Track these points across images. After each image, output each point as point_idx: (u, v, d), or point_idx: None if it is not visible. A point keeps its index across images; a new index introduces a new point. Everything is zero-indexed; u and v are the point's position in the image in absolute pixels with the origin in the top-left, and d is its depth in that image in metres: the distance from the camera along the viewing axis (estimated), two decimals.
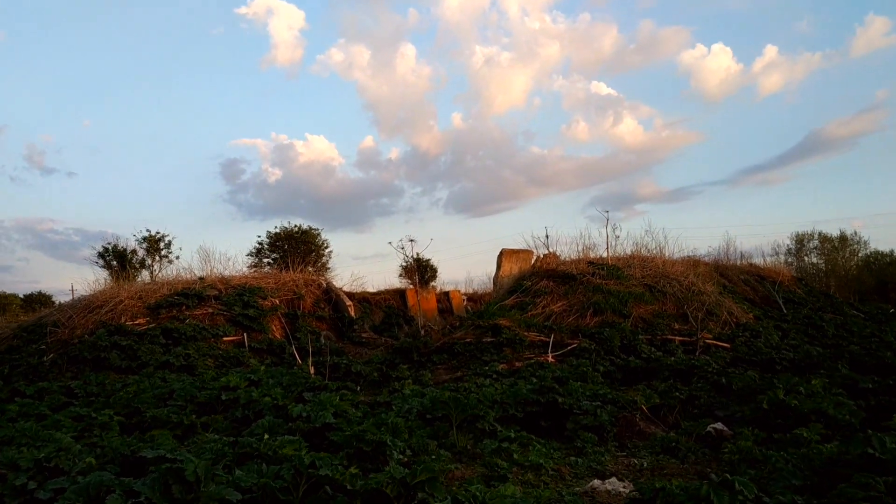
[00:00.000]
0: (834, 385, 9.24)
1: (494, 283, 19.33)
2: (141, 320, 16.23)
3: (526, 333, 14.21)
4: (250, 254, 31.02)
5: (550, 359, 13.33)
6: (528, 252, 19.82)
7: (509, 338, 13.85)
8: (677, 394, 9.75)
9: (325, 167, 72.15)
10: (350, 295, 28.39)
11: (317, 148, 73.68)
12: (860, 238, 65.15)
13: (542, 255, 19.92)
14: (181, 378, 11.96)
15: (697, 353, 13.59)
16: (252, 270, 23.89)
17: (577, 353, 13.44)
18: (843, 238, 64.95)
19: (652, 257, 19.04)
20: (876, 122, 70.37)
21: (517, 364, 13.02)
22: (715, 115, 76.28)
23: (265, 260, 31.03)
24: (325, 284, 20.45)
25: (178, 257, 24.19)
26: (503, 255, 19.15)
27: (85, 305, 16.84)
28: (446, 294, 31.55)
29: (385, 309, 28.28)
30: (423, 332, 19.03)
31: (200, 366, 14.08)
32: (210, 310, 16.90)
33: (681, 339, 14.40)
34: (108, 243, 26.25)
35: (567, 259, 19.39)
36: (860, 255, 65.39)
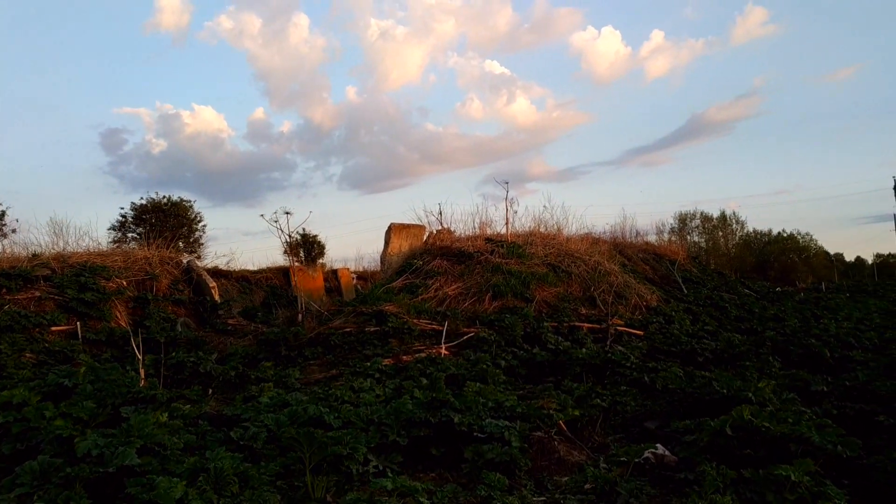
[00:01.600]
0: (783, 388, 7.70)
1: (382, 262, 17.22)
2: None
3: (416, 321, 12.20)
4: (112, 227, 27.54)
5: (444, 351, 11.38)
6: (419, 227, 17.80)
7: (396, 327, 11.80)
8: (598, 400, 7.98)
9: (214, 139, 67.99)
10: (226, 274, 25.67)
11: (204, 119, 69.27)
12: (738, 218, 67.16)
13: (435, 232, 17.96)
14: None
15: (609, 343, 11.99)
16: (111, 246, 20.75)
17: (475, 344, 11.55)
18: (723, 217, 66.84)
19: (553, 234, 17.43)
20: (752, 107, 72.84)
21: (405, 358, 11.00)
22: (604, 96, 77.26)
23: (129, 234, 27.64)
24: (185, 263, 17.68)
25: (14, 230, 20.63)
26: (392, 230, 17.05)
27: None
28: (334, 272, 29.39)
29: (266, 289, 25.73)
30: (300, 316, 16.71)
31: (11, 364, 11.27)
32: (38, 293, 13.93)
33: (590, 325, 12.78)
34: None
35: (463, 236, 17.51)
36: (738, 234, 67.57)
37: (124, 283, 15.45)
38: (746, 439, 5.38)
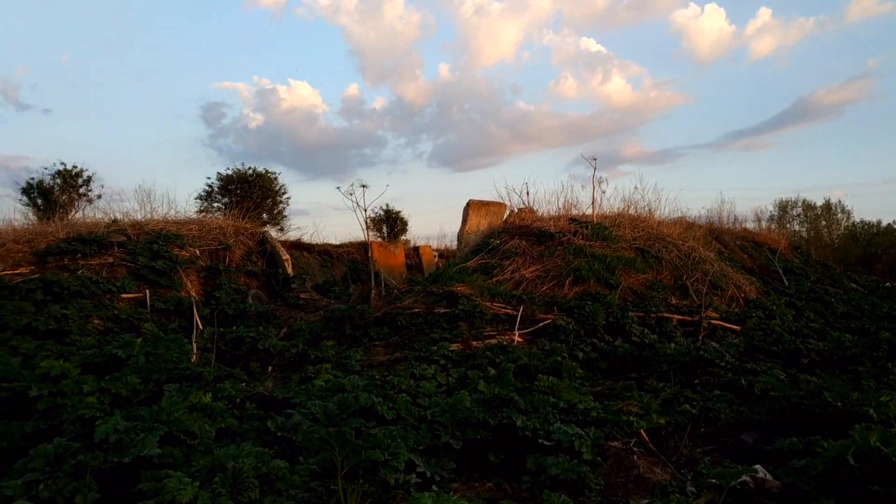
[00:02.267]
0: None
1: (459, 241, 16.46)
2: (23, 269, 13.18)
3: (489, 304, 11.38)
4: (199, 197, 27.80)
5: (517, 338, 10.53)
6: (499, 205, 16.91)
7: (467, 309, 11.01)
8: (687, 406, 6.99)
9: (308, 114, 68.67)
10: (308, 247, 25.53)
11: (300, 94, 70.09)
12: (843, 207, 62.93)
13: (516, 210, 17.03)
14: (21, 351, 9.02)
15: (701, 338, 10.86)
16: (198, 216, 20.76)
17: (552, 332, 10.65)
18: (826, 206, 62.69)
19: (643, 217, 16.17)
20: (865, 90, 67.76)
21: (474, 344, 10.22)
22: (704, 76, 73.42)
23: (215, 205, 27.86)
24: (259, 234, 17.41)
25: (99, 196, 20.92)
26: (470, 206, 16.23)
27: None
28: (416, 249, 28.91)
29: (347, 263, 25.47)
30: (373, 293, 16.17)
31: (76, 331, 11.13)
32: (111, 259, 13.86)
33: (680, 317, 11.65)
34: (32, 178, 22.85)
35: (545, 215, 16.51)
36: (843, 224, 63.35)
37: (197, 252, 15.27)
38: (874, 472, 4.33)
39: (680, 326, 11.39)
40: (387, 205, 32.56)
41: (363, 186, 16.80)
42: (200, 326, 11.52)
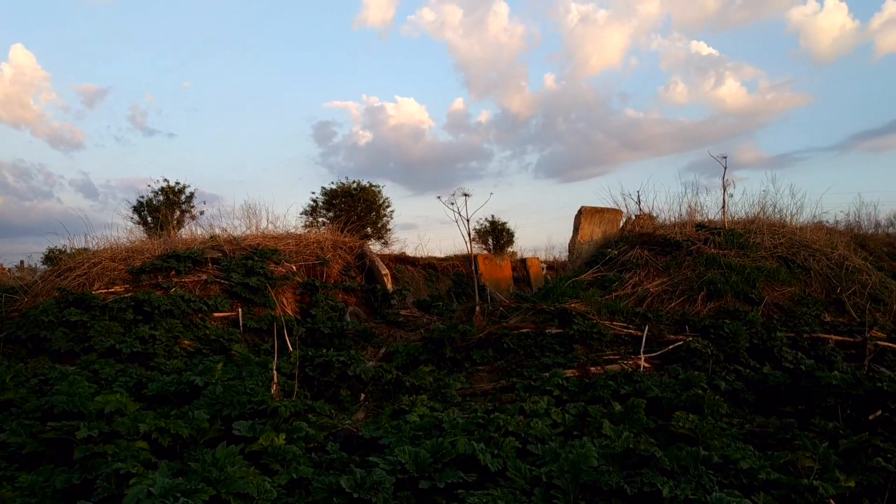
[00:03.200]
0: None
1: (570, 252, 15.02)
2: (118, 287, 12.83)
3: (608, 324, 9.95)
4: (304, 212, 27.59)
5: (643, 364, 9.06)
6: (615, 212, 15.36)
7: (583, 330, 9.62)
8: (879, 459, 5.36)
9: (415, 130, 69.11)
10: (412, 261, 24.79)
11: (407, 111, 70.74)
12: None
13: (633, 217, 15.43)
14: (95, 376, 8.34)
15: (868, 363, 9.03)
16: (304, 229, 20.29)
17: (685, 357, 9.11)
18: None
19: (778, 222, 14.20)
20: None
21: (593, 370, 8.83)
22: (825, 76, 68.16)
23: (320, 219, 27.55)
24: (359, 248, 16.58)
25: (202, 213, 20.83)
26: (582, 214, 14.78)
27: (55, 269, 13.62)
28: (523, 261, 27.65)
29: (453, 277, 24.50)
30: (478, 309, 14.99)
31: (163, 353, 10.51)
32: (205, 276, 13.33)
33: (838, 338, 9.81)
34: (142, 196, 23.17)
35: (666, 222, 14.84)
36: None
37: (293, 267, 14.57)
38: None
39: (839, 349, 9.57)
40: (492, 216, 31.44)
41: (465, 195, 15.68)
42: (291, 348, 10.67)
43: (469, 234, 17.69)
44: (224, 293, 13.08)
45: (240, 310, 12.49)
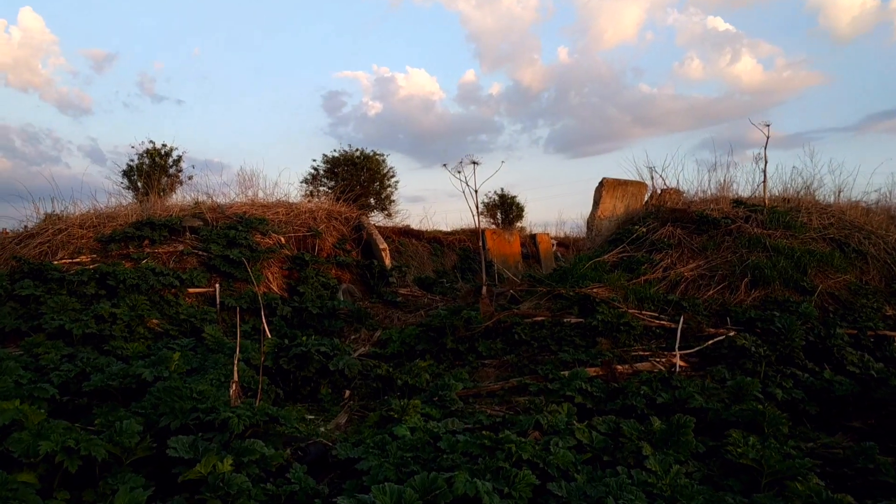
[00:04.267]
0: None
1: (589, 228, 13.58)
2: (83, 257, 11.46)
3: (637, 313, 8.53)
4: (305, 180, 26.04)
5: (679, 361, 7.66)
6: (639, 184, 13.88)
7: (608, 321, 8.21)
8: None
9: (425, 101, 67.39)
10: (417, 234, 23.41)
11: (417, 82, 69.03)
12: None
13: (659, 191, 13.92)
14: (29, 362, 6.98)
15: None
16: (304, 198, 18.81)
17: (728, 355, 7.71)
18: None
19: (826, 203, 12.63)
20: None
21: (620, 369, 7.44)
22: (843, 55, 65.89)
23: (321, 188, 26.05)
24: (356, 219, 15.15)
25: (190, 177, 19.33)
26: (604, 186, 13.31)
27: (15, 235, 12.27)
28: (533, 237, 26.29)
29: (459, 252, 23.15)
30: (485, 289, 13.60)
31: (121, 335, 9.18)
32: (181, 247, 11.95)
33: None
34: (131, 160, 21.64)
35: (695, 198, 13.33)
36: None
37: (282, 239, 13.16)
38: None
39: None
40: (501, 189, 29.91)
41: (473, 163, 14.20)
42: (269, 334, 9.32)
43: (477, 206, 16.27)
44: (202, 266, 11.71)
45: (217, 285, 11.13)
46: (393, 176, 26.65)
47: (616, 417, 5.68)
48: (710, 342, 8.05)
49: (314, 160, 24.69)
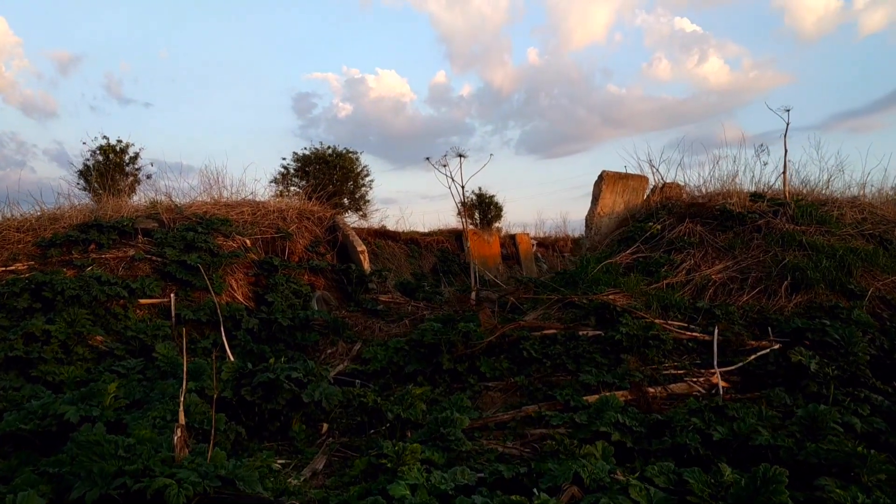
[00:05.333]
0: None
1: (588, 226, 12.33)
2: (19, 265, 9.96)
3: (664, 323, 7.28)
4: (274, 180, 24.40)
5: (720, 381, 6.43)
6: (640, 178, 12.67)
7: (634, 333, 6.93)
8: None
9: (396, 103, 66.20)
10: (393, 235, 22.05)
11: (388, 83, 67.82)
12: None
13: (661, 185, 12.72)
14: None
15: None
16: (271, 199, 17.33)
17: (775, 371, 6.50)
18: None
19: (851, 196, 11.45)
20: None
21: (652, 392, 6.19)
22: (808, 55, 66.18)
23: (291, 188, 24.48)
24: (330, 219, 13.74)
25: (149, 176, 17.71)
26: (604, 181, 12.07)
27: None
28: (512, 238, 25.16)
29: (437, 253, 21.83)
30: (474, 294, 12.30)
31: (54, 356, 7.73)
32: (132, 252, 10.47)
33: None
34: (87, 159, 19.87)
35: (699, 192, 12.15)
36: None
37: (247, 241, 11.72)
38: None
39: None
40: (479, 188, 28.64)
41: (460, 156, 12.92)
42: (230, 355, 7.92)
43: (464, 203, 14.97)
44: (156, 274, 10.25)
45: (172, 295, 9.68)
46: (367, 175, 25.10)
47: (672, 464, 4.41)
48: (753, 357, 6.84)
49: (284, 158, 23.13)
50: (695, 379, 6.52)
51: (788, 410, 5.73)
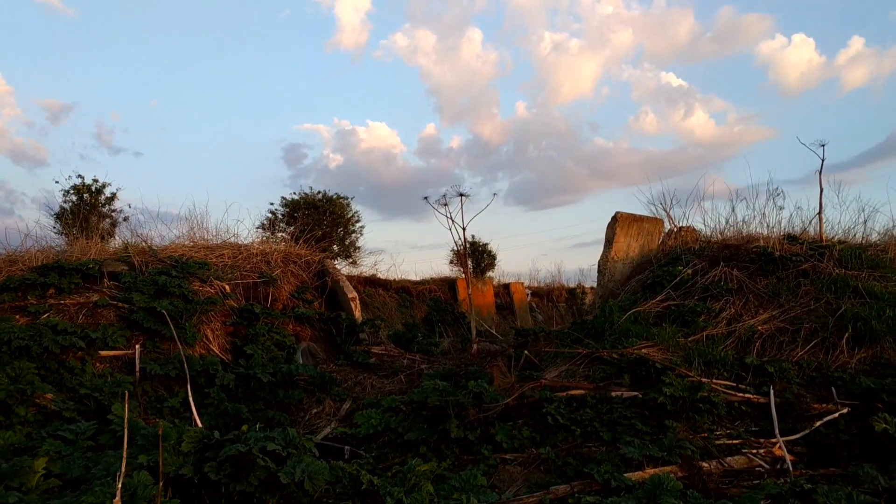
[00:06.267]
0: None
1: (600, 271, 11.27)
2: None
3: (710, 382, 6.16)
4: (261, 226, 23.29)
5: (785, 453, 5.30)
6: (655, 221, 11.68)
7: (679, 395, 5.81)
8: None
9: (386, 154, 66.38)
10: (384, 283, 21.01)
11: (378, 135, 68.18)
12: None
13: (676, 229, 11.77)
14: None
15: None
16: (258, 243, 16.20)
17: (850, 441, 5.39)
18: None
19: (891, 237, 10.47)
20: None
21: (706, 467, 5.05)
22: (792, 109, 67.08)
23: (279, 234, 23.38)
24: (318, 264, 12.62)
25: (126, 218, 16.58)
26: (618, 222, 11.07)
27: None
28: (506, 287, 24.29)
29: (429, 302, 20.77)
30: (475, 346, 11.20)
31: None
32: (95, 297, 9.30)
33: None
34: (64, 201, 18.69)
35: (715, 237, 11.22)
36: None
37: (226, 287, 10.58)
38: None
39: None
40: (472, 236, 27.78)
41: (461, 195, 11.95)
42: (199, 422, 6.72)
43: (465, 245, 13.91)
44: (121, 322, 9.08)
45: (138, 347, 8.49)
46: (358, 221, 24.12)
47: None
48: (819, 423, 5.73)
49: (272, 203, 22.14)
50: (754, 451, 5.41)
51: (883, 491, 4.62)
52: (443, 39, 66.95)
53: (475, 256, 28.41)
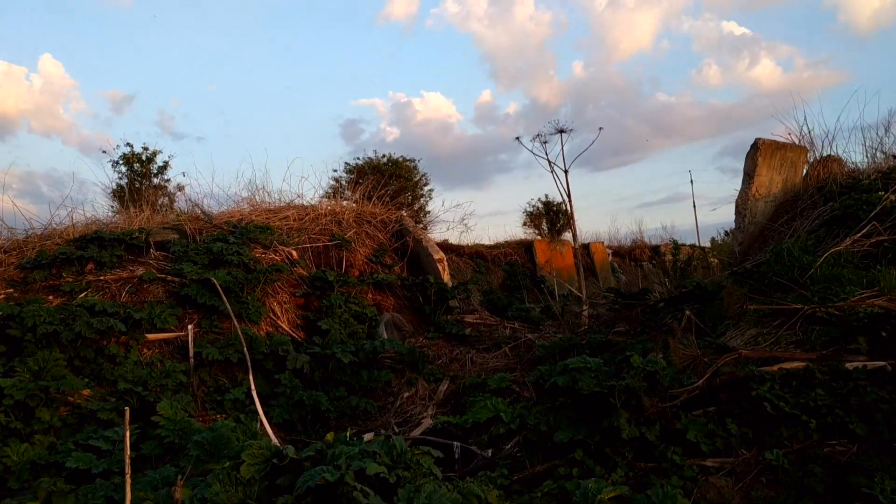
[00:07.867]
0: None
1: (739, 212, 9.26)
2: None
3: None
4: (326, 195, 21.73)
5: None
6: (799, 149, 9.57)
7: None
8: None
9: (443, 124, 64.97)
10: (456, 249, 19.22)
11: (434, 105, 66.78)
12: None
13: (821, 158, 9.66)
14: None
15: None
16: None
17: None
18: None
19: None
20: None
21: None
22: (865, 51, 62.23)
23: (344, 202, 21.76)
24: (395, 223, 10.91)
25: (181, 187, 15.15)
26: (759, 151, 8.99)
27: None
28: (586, 247, 22.35)
29: (505, 267, 19.00)
30: (586, 312, 9.38)
31: (5, 424, 5.09)
32: (140, 271, 7.82)
33: None
34: (120, 177, 17.44)
35: (861, 167, 9.23)
36: None
37: (294, 253, 8.99)
38: None
39: None
40: (546, 195, 25.82)
41: (560, 131, 10.07)
42: (265, 422, 5.13)
43: (568, 187, 11.93)
44: (171, 298, 7.58)
45: (191, 327, 6.96)
46: (426, 184, 22.29)
47: None
48: None
49: (335, 170, 20.44)
50: None
51: None
52: (495, 3, 64.61)
53: (549, 216, 26.49)
